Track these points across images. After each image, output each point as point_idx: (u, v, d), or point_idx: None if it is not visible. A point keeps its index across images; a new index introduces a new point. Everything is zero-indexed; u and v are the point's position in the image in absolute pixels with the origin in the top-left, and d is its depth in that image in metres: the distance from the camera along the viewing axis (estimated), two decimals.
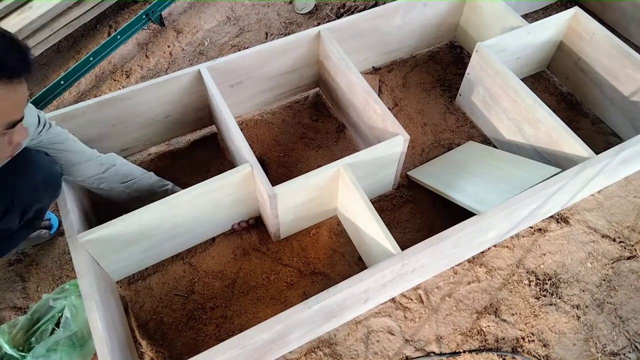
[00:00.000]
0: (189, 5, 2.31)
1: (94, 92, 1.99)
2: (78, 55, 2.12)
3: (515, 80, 1.57)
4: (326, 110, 1.90)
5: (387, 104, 1.92)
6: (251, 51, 1.61)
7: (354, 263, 1.52)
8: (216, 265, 1.51)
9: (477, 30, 1.97)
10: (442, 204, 1.61)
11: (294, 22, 2.24)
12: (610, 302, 1.46)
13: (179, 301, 1.45)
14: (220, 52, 2.12)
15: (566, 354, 1.37)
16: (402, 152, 1.49)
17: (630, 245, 1.56)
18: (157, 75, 2.03)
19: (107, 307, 1.23)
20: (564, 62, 1.90)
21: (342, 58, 1.60)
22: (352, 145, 1.80)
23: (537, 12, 2.25)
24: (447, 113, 1.90)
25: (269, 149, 1.78)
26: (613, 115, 1.80)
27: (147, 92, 1.52)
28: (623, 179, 1.71)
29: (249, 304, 1.45)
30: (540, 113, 1.52)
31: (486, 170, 1.56)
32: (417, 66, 2.05)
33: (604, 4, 2.14)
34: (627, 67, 1.65)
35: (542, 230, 1.59)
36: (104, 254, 1.33)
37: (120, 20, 2.25)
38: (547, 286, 1.48)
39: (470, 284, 1.49)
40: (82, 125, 1.50)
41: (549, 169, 1.44)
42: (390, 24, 1.85)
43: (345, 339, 1.39)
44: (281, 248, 1.55)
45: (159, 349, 1.37)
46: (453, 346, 1.39)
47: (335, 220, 1.61)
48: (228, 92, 1.68)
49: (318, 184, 1.39)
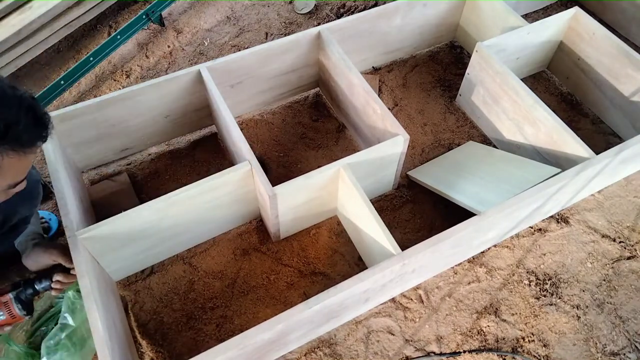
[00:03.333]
0: (189, 5, 2.31)
1: (94, 92, 1.99)
2: (78, 55, 2.12)
3: (515, 80, 1.57)
4: (326, 110, 1.90)
5: (387, 104, 1.92)
6: (251, 51, 1.61)
7: (354, 263, 1.52)
8: (216, 265, 1.51)
9: (477, 30, 1.97)
10: (442, 204, 1.61)
11: (294, 22, 2.24)
12: (611, 302, 1.46)
13: (179, 301, 1.45)
14: (220, 52, 2.12)
15: (566, 354, 1.37)
16: (402, 152, 1.49)
17: (630, 245, 1.56)
18: (157, 75, 2.03)
19: (107, 307, 1.23)
20: (564, 62, 1.90)
21: (342, 58, 1.60)
22: (352, 145, 1.80)
23: (537, 12, 2.25)
24: (447, 113, 1.90)
25: (269, 149, 1.78)
26: (613, 115, 1.80)
27: (147, 92, 1.52)
28: (623, 179, 1.71)
29: (249, 304, 1.45)
30: (540, 113, 1.52)
31: (486, 170, 1.56)
32: (417, 66, 2.05)
33: (604, 4, 2.14)
34: (627, 67, 1.65)
35: (542, 230, 1.59)
36: (104, 252, 1.33)
37: (120, 20, 2.25)
38: (547, 286, 1.48)
39: (471, 284, 1.49)
40: (82, 125, 1.50)
41: (549, 169, 1.44)
42: (390, 24, 1.85)
43: (346, 339, 1.39)
44: (281, 248, 1.55)
45: (159, 349, 1.37)
46: (453, 346, 1.39)
47: (335, 220, 1.61)
48: (228, 92, 1.68)
49: (318, 184, 1.39)
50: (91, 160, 1.66)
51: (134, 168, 1.73)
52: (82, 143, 1.57)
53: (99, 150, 1.63)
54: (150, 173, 1.72)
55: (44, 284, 1.27)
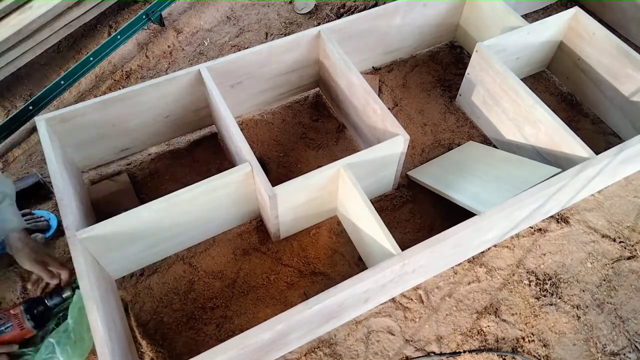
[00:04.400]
0: (189, 5, 2.31)
1: (94, 92, 1.99)
2: (78, 55, 2.12)
3: (515, 80, 1.57)
4: (326, 110, 1.90)
5: (387, 104, 1.92)
6: (251, 51, 1.61)
7: (354, 263, 1.52)
8: (216, 265, 1.51)
9: (477, 30, 1.97)
10: (442, 204, 1.61)
11: (294, 22, 2.24)
12: (611, 302, 1.46)
13: (179, 301, 1.45)
14: (220, 52, 2.12)
15: (566, 354, 1.37)
16: (402, 152, 1.49)
17: (630, 245, 1.56)
18: (157, 75, 2.04)
19: (107, 307, 1.23)
20: (564, 62, 1.90)
21: (342, 58, 1.60)
22: (352, 145, 1.80)
23: (537, 12, 2.25)
24: (447, 113, 1.90)
25: (269, 149, 1.78)
26: (613, 115, 1.80)
27: (147, 92, 1.52)
28: (623, 179, 1.71)
29: (249, 304, 1.45)
30: (540, 113, 1.52)
31: (486, 170, 1.56)
32: (417, 66, 2.05)
33: (604, 4, 2.14)
34: (627, 67, 1.65)
35: (542, 230, 1.59)
36: (104, 252, 1.33)
37: (120, 20, 2.25)
38: (547, 286, 1.48)
39: (471, 284, 1.49)
40: (82, 125, 1.50)
41: (549, 169, 1.44)
42: (390, 24, 1.85)
43: (346, 339, 1.39)
44: (281, 248, 1.55)
45: (159, 349, 1.37)
46: (453, 346, 1.39)
47: (335, 220, 1.61)
48: (228, 92, 1.68)
49: (318, 184, 1.39)
50: (91, 160, 1.66)
51: (134, 168, 1.73)
52: (82, 143, 1.57)
53: (99, 150, 1.63)
54: (150, 173, 1.72)
55: (55, 300, 1.29)
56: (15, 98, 1.97)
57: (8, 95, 1.97)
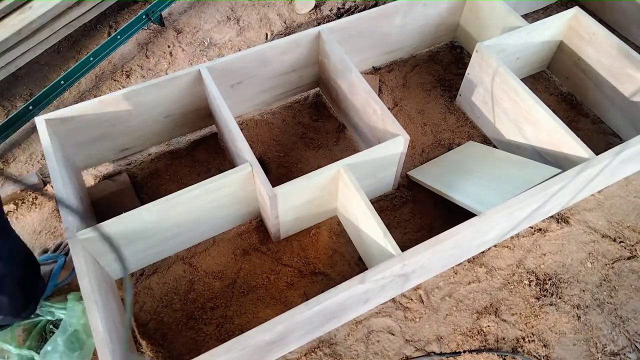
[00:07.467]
0: (189, 5, 2.31)
1: (94, 92, 1.99)
2: (78, 55, 2.12)
3: (515, 80, 1.57)
4: (326, 110, 1.90)
5: (387, 104, 1.92)
6: (251, 51, 1.61)
7: (354, 263, 1.52)
8: (216, 265, 1.51)
9: (477, 30, 1.97)
10: (443, 204, 1.61)
11: (294, 22, 2.24)
12: (611, 302, 1.46)
13: (179, 301, 1.45)
14: (220, 52, 2.12)
15: (566, 354, 1.37)
16: (402, 152, 1.49)
17: (631, 245, 1.56)
18: (157, 75, 2.03)
19: (107, 307, 1.23)
20: (564, 62, 1.90)
21: (342, 58, 1.60)
22: (352, 146, 1.80)
23: (537, 12, 2.25)
24: (447, 113, 1.90)
25: (269, 149, 1.78)
26: (613, 115, 1.80)
27: (147, 92, 1.52)
28: (623, 179, 1.71)
29: (249, 304, 1.45)
30: (540, 113, 1.51)
31: (486, 170, 1.56)
32: (417, 66, 2.05)
33: (604, 4, 2.14)
34: (627, 67, 1.65)
35: (542, 230, 1.59)
36: (104, 252, 1.33)
37: (120, 20, 2.25)
38: (547, 286, 1.48)
39: (471, 284, 1.49)
40: (82, 125, 1.50)
41: (549, 170, 1.44)
42: (390, 24, 1.85)
43: (346, 339, 1.39)
44: (281, 248, 1.55)
45: (159, 349, 1.37)
46: (453, 346, 1.39)
47: (335, 220, 1.61)
48: (228, 92, 1.67)
49: (318, 185, 1.39)
50: (91, 160, 1.66)
51: (134, 168, 1.73)
52: (82, 143, 1.57)
53: (99, 150, 1.63)
54: (150, 173, 1.72)
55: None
56: (15, 98, 1.97)
57: (8, 95, 1.97)
